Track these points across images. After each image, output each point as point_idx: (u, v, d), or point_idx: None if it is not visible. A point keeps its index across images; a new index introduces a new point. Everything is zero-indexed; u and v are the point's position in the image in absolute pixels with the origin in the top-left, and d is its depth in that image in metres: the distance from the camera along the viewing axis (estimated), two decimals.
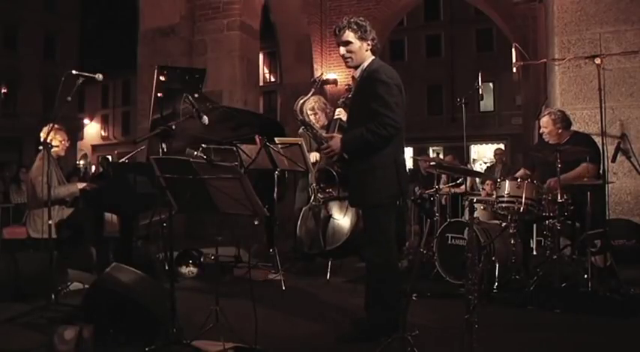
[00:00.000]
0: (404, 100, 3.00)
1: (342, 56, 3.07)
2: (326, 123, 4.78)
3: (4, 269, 3.88)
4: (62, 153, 4.71)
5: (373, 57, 3.06)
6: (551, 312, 3.55)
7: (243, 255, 5.14)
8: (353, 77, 3.12)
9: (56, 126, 4.28)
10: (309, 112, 4.91)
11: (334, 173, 4.15)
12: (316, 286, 4.44)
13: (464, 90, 5.63)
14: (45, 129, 4.50)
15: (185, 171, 2.69)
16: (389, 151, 2.93)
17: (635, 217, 5.18)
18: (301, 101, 3.27)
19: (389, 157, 2.93)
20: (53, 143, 4.43)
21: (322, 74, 3.89)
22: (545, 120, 4.49)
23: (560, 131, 4.41)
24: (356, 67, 3.07)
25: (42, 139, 4.45)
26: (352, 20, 3.02)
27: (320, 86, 3.23)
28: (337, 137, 3.08)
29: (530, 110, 11.53)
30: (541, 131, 4.52)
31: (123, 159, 5.45)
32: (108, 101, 36.85)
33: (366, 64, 3.03)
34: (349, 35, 3.00)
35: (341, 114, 3.91)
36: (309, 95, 3.55)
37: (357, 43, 3.00)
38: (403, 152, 3.10)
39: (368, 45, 3.02)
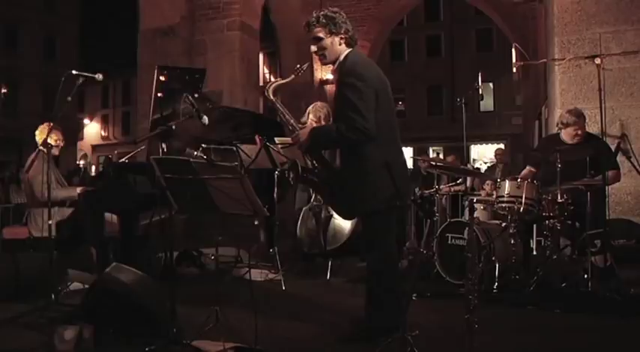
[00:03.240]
0: (388, 97, 2.89)
1: (315, 53, 2.94)
2: None
3: (4, 269, 3.88)
4: (57, 153, 4.70)
5: (349, 49, 2.91)
6: (551, 312, 3.55)
7: (243, 255, 5.14)
8: (333, 72, 3.05)
9: (51, 125, 4.29)
10: (311, 117, 4.90)
11: (300, 167, 4.04)
12: (316, 286, 4.44)
13: (464, 90, 5.63)
14: (40, 129, 4.50)
15: (185, 171, 2.70)
16: (375, 154, 2.80)
17: (635, 217, 5.17)
18: (275, 84, 3.18)
19: (377, 160, 2.79)
20: (50, 143, 4.42)
21: (306, 64, 3.78)
22: (577, 123, 4.37)
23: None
24: (333, 63, 2.96)
25: (37, 139, 4.45)
26: (321, 14, 2.88)
27: (300, 74, 3.13)
28: (308, 127, 3.03)
29: (530, 110, 11.53)
30: (575, 136, 4.37)
31: (123, 159, 5.45)
32: (108, 101, 36.85)
33: (342, 57, 2.90)
34: (319, 31, 2.87)
35: None
36: (288, 79, 3.42)
37: (327, 39, 2.87)
38: (398, 151, 2.98)
39: (341, 39, 2.88)
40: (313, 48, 2.94)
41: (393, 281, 2.92)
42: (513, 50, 4.59)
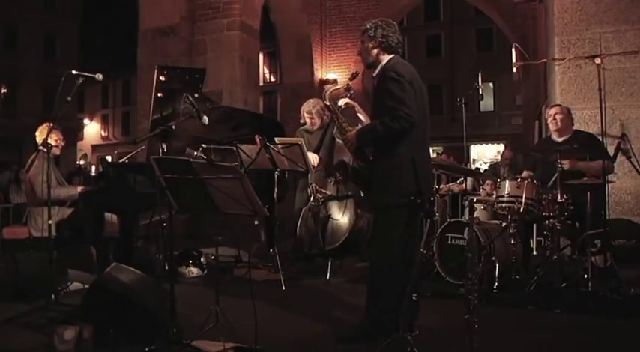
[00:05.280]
0: (423, 97, 3.02)
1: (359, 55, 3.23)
2: (322, 126, 4.84)
3: (4, 269, 3.88)
4: (57, 153, 4.70)
5: (391, 55, 3.07)
6: (551, 312, 3.55)
7: (243, 255, 5.14)
8: (373, 76, 3.16)
9: (51, 125, 4.29)
10: (306, 115, 4.93)
11: (349, 167, 4.20)
12: (316, 286, 4.44)
13: (464, 90, 5.62)
14: (40, 129, 4.50)
15: (185, 171, 2.69)
16: (404, 151, 2.90)
17: (635, 217, 5.18)
18: (330, 90, 3.33)
19: (405, 157, 2.90)
20: (50, 143, 4.42)
21: (357, 71, 3.92)
22: (558, 107, 4.52)
23: (568, 121, 4.47)
24: (369, 67, 3.15)
25: (38, 139, 4.45)
26: (370, 22, 3.12)
27: (354, 79, 3.35)
28: (355, 129, 3.16)
29: (531, 110, 11.54)
30: (552, 119, 4.46)
31: (123, 159, 5.45)
32: (108, 101, 36.82)
33: (384, 61, 3.07)
34: (361, 37, 3.14)
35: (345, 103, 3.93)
36: (342, 86, 3.60)
37: (364, 45, 3.10)
38: (425, 150, 3.09)
39: (376, 44, 3.05)
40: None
41: (392, 281, 2.89)
42: (513, 50, 4.59)
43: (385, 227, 2.96)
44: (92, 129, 36.52)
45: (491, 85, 25.92)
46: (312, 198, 4.75)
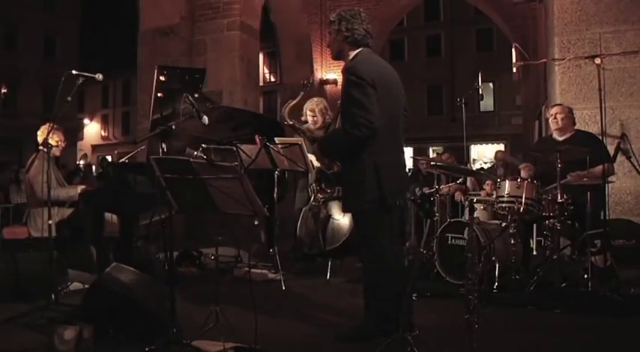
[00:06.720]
0: (390, 97, 2.87)
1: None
2: (323, 125, 4.84)
3: (4, 269, 3.88)
4: (58, 154, 4.70)
5: (357, 49, 2.93)
6: (551, 312, 3.55)
7: (243, 255, 5.14)
8: (342, 72, 3.04)
9: (52, 125, 4.29)
10: (309, 113, 4.93)
11: (329, 174, 4.21)
12: (316, 286, 4.44)
13: (464, 90, 5.62)
14: (42, 129, 4.51)
15: (185, 171, 2.69)
16: (366, 155, 2.81)
17: (635, 217, 5.18)
18: (288, 107, 3.29)
19: (367, 161, 2.81)
20: (50, 143, 4.42)
21: (311, 77, 3.89)
22: (560, 107, 4.54)
23: (570, 121, 4.47)
24: (336, 58, 3.08)
25: (39, 139, 4.45)
26: (336, 13, 2.99)
27: (308, 89, 3.28)
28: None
29: (530, 110, 11.54)
30: (553, 118, 4.47)
31: (123, 159, 5.45)
32: (108, 101, 36.83)
33: (350, 57, 2.94)
34: (329, 28, 3.04)
35: None
36: (297, 99, 3.55)
37: (332, 36, 3.00)
38: (392, 153, 2.93)
39: (341, 38, 2.93)
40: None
41: (386, 282, 2.88)
42: (513, 50, 4.60)
43: (367, 233, 2.95)
44: (92, 129, 36.53)
45: (491, 85, 25.93)
46: (312, 198, 4.75)
